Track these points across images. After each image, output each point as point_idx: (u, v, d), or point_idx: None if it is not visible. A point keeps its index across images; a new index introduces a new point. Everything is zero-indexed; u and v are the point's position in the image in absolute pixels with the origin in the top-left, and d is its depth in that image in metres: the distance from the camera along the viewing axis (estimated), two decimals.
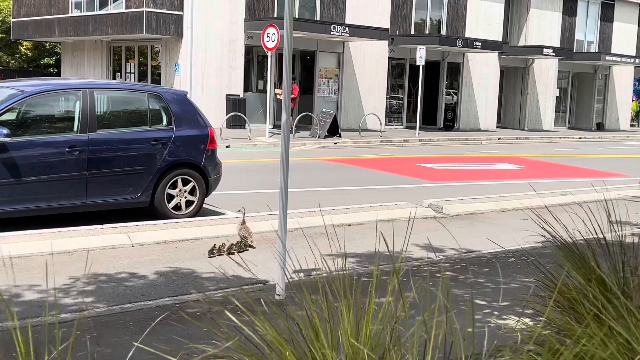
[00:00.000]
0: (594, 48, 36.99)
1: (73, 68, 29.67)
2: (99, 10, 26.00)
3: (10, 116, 8.11)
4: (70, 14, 27.21)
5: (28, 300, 5.61)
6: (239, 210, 7.93)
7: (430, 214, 10.14)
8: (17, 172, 7.84)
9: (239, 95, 24.27)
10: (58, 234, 7.54)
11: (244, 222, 7.65)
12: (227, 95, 24.11)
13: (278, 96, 23.03)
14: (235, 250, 7.37)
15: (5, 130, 7.66)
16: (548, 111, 35.32)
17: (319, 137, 22.19)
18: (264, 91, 24.69)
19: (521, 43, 33.83)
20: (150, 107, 9.09)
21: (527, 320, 3.66)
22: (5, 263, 6.62)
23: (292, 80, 22.81)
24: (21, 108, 8.23)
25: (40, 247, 7.09)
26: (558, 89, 36.06)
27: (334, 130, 22.74)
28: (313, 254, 4.19)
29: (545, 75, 34.93)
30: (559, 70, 35.46)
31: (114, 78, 27.38)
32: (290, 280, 4.85)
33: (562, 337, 2.89)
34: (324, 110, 24.03)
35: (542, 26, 34.22)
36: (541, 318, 3.17)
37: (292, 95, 22.50)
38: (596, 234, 4.12)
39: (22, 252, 6.91)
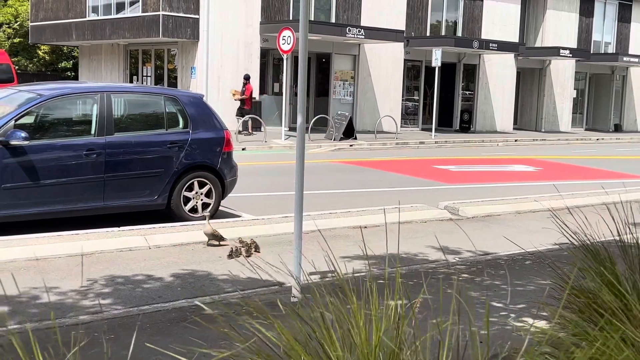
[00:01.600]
0: (611, 49, 36.74)
1: (90, 72, 29.88)
2: (116, 14, 26.18)
3: (28, 120, 8.19)
4: (87, 18, 27.41)
5: (46, 302, 5.66)
6: (203, 216, 7.84)
7: (447, 216, 10.12)
8: (35, 175, 7.91)
9: (254, 98, 24.33)
10: (75, 236, 7.60)
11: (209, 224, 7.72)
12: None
13: (233, 97, 23.07)
14: (253, 251, 7.41)
15: (23, 134, 7.73)
16: (565, 113, 35.11)
17: (334, 140, 22.20)
18: (280, 94, 24.73)
19: (538, 44, 33.67)
20: (167, 110, 9.14)
21: (543, 322, 3.65)
22: (24, 265, 6.68)
23: (247, 80, 22.77)
24: (39, 111, 8.30)
25: (58, 249, 7.15)
26: (575, 90, 35.85)
27: (349, 132, 22.74)
28: (329, 256, 4.20)
29: (562, 76, 34.73)
30: (576, 72, 35.26)
31: (131, 81, 27.55)
32: (306, 282, 4.86)
33: (578, 340, 2.88)
34: (339, 112, 24.05)
35: (559, 27, 34.03)
36: (557, 321, 3.17)
37: (244, 96, 22.56)
38: (614, 236, 4.10)
39: (40, 255, 6.97)
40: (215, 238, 7.68)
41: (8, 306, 5.34)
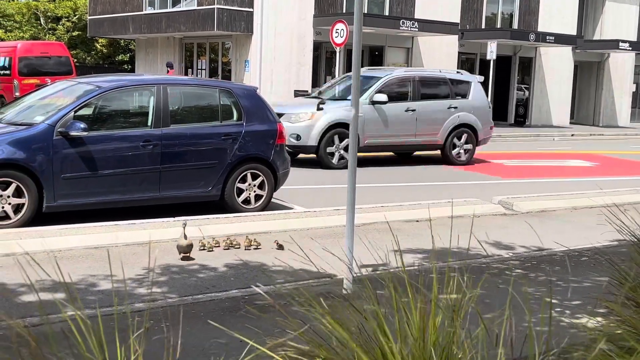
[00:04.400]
0: None
1: (146, 64, 30.36)
2: (172, 7, 26.52)
3: (87, 111, 8.37)
4: (143, 12, 27.84)
5: (104, 289, 5.79)
6: (182, 223, 6.99)
7: (500, 210, 10.00)
8: (93, 165, 8.09)
9: (307, 91, 24.37)
10: (132, 225, 7.75)
11: (185, 237, 6.81)
12: (295, 91, 24.22)
13: None
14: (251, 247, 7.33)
15: (82, 125, 7.91)
16: (624, 107, 34.29)
17: None
18: None
19: (596, 37, 32.93)
20: (221, 103, 9.24)
21: (600, 319, 3.59)
22: (82, 253, 6.85)
23: (170, 67, 22.52)
24: (97, 103, 8.48)
25: (115, 238, 7.30)
26: (634, 85, 34.96)
27: None
28: (381, 248, 4.21)
29: (621, 70, 33.91)
30: (635, 65, 34.37)
31: (186, 74, 27.89)
32: (358, 274, 4.87)
33: (637, 336, 2.82)
34: None
35: (618, 20, 33.20)
36: (615, 317, 3.10)
37: None
38: None
39: (98, 243, 7.14)
40: (188, 250, 6.85)
41: (66, 293, 5.49)
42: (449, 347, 2.63)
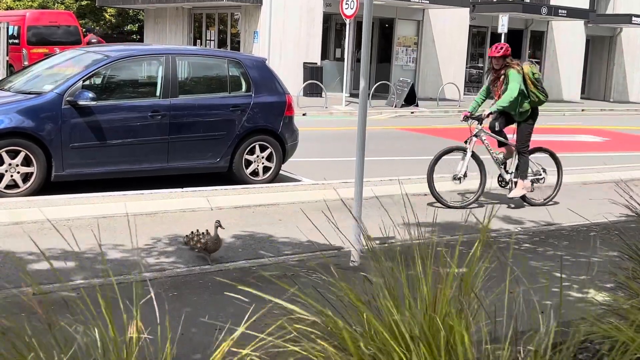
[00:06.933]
0: None
1: (155, 35, 30.21)
2: None
3: (95, 80, 8.36)
4: None
5: (112, 258, 5.81)
6: (216, 223, 5.90)
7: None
8: (101, 135, 8.08)
9: (316, 64, 24.25)
10: (141, 196, 7.76)
11: (218, 238, 5.88)
12: (304, 63, 24.13)
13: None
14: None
15: (90, 94, 7.89)
16: (635, 82, 33.98)
17: (395, 106, 22.01)
18: (342, 59, 24.58)
19: (609, 11, 32.55)
20: (230, 74, 9.20)
21: (608, 293, 3.58)
22: (91, 223, 6.87)
23: (89, 31, 22.12)
24: (106, 73, 8.46)
25: (123, 208, 7.31)
26: None
27: (411, 99, 22.49)
28: (388, 222, 4.20)
29: (633, 44, 33.55)
30: None
31: (195, 45, 27.74)
32: (365, 247, 4.86)
33: None
34: (401, 79, 23.79)
35: None
36: (624, 291, 3.09)
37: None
38: None
39: (106, 213, 7.15)
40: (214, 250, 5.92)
41: (75, 262, 5.51)
42: (453, 319, 2.62)
